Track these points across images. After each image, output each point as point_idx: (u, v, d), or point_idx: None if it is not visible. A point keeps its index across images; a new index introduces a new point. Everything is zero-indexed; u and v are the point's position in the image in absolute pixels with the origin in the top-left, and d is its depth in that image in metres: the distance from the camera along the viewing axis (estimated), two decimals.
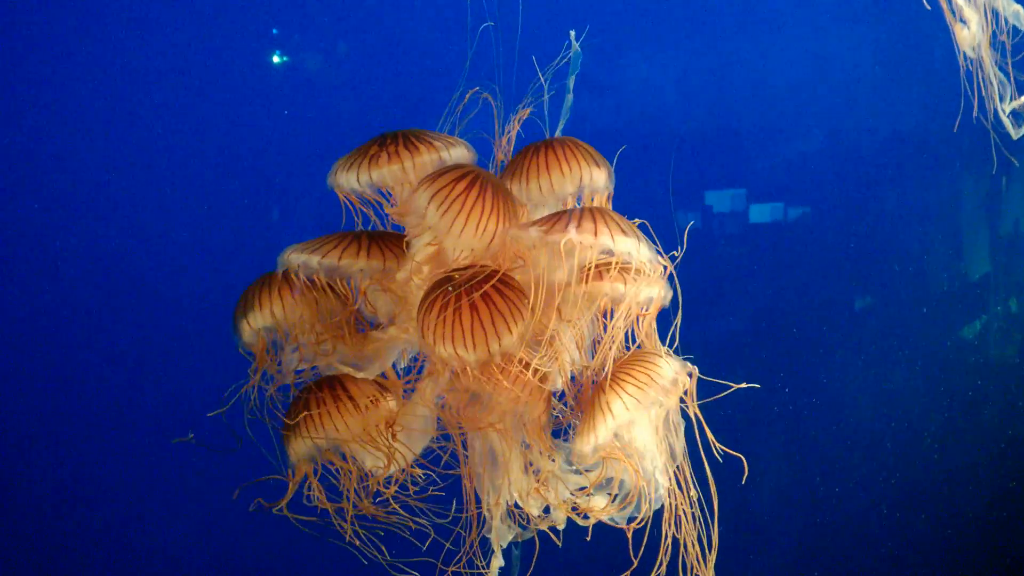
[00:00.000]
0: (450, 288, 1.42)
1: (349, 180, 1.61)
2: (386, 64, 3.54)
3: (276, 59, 3.48)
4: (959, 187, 3.90)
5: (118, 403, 3.48)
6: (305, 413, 1.56)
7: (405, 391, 1.66)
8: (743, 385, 1.63)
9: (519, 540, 1.68)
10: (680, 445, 1.60)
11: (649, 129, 3.59)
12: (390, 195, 1.66)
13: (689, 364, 1.58)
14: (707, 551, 1.59)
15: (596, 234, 1.43)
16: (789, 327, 3.85)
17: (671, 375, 1.54)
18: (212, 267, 3.44)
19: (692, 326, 1.73)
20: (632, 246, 1.46)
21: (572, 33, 1.83)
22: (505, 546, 1.67)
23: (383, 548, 1.66)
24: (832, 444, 3.92)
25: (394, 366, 1.69)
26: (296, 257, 1.58)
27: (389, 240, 1.61)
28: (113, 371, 3.50)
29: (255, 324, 1.64)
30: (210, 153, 3.45)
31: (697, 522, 1.58)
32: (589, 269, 1.49)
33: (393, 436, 1.59)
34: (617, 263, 1.47)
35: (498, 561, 1.66)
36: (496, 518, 1.61)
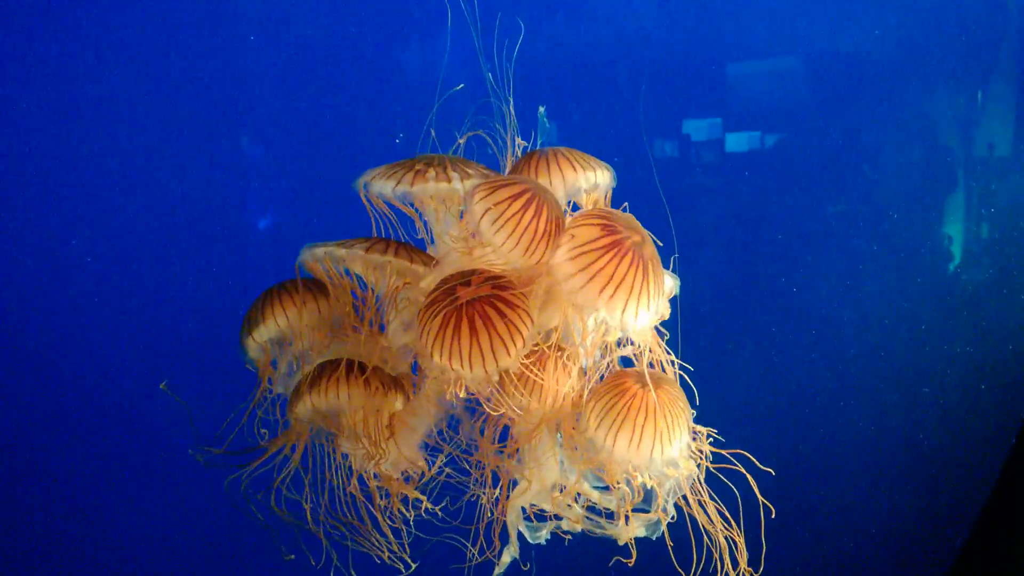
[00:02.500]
0: (455, 296, 1.39)
1: (385, 188, 1.59)
2: None
3: None
4: (935, 112, 3.89)
5: (119, 404, 3.44)
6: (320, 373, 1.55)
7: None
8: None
9: (543, 540, 1.69)
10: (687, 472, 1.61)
11: (626, 57, 3.52)
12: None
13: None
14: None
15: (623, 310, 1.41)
16: (766, 254, 3.88)
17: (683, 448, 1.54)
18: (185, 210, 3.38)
19: (671, 256, 1.72)
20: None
21: (542, 109, 1.79)
22: (542, 540, 1.69)
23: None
24: (807, 369, 4.00)
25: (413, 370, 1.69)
26: (323, 250, 1.58)
27: (414, 250, 1.61)
28: (109, 370, 3.44)
29: (260, 338, 1.64)
30: (180, 79, 3.34)
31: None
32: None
33: (391, 430, 1.59)
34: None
35: (510, 554, 1.68)
36: (514, 512, 1.63)
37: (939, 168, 3.93)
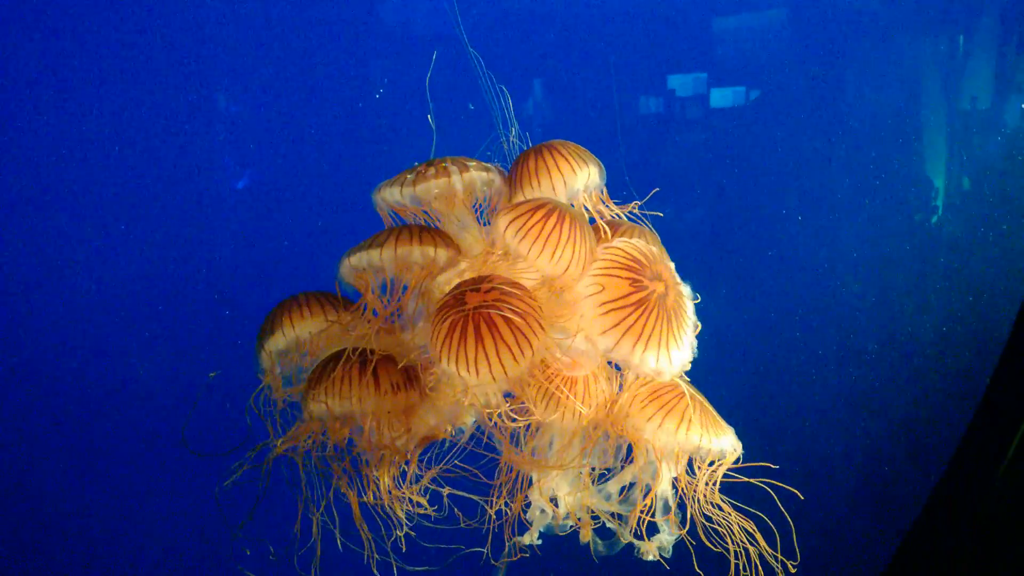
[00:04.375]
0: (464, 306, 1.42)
1: (393, 194, 1.61)
2: None
3: None
4: (919, 65, 3.88)
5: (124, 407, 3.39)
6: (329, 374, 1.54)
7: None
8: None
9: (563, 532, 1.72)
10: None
11: (611, 11, 3.47)
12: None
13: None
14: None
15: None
16: (750, 208, 3.88)
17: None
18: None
19: (658, 210, 1.72)
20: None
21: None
22: (568, 526, 1.71)
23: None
24: (787, 318, 4.04)
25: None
26: (358, 258, 1.59)
27: (437, 233, 1.61)
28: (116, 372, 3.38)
29: (272, 348, 1.62)
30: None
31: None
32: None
33: (406, 430, 1.58)
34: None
35: (530, 538, 1.70)
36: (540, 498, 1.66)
37: (922, 121, 3.93)
